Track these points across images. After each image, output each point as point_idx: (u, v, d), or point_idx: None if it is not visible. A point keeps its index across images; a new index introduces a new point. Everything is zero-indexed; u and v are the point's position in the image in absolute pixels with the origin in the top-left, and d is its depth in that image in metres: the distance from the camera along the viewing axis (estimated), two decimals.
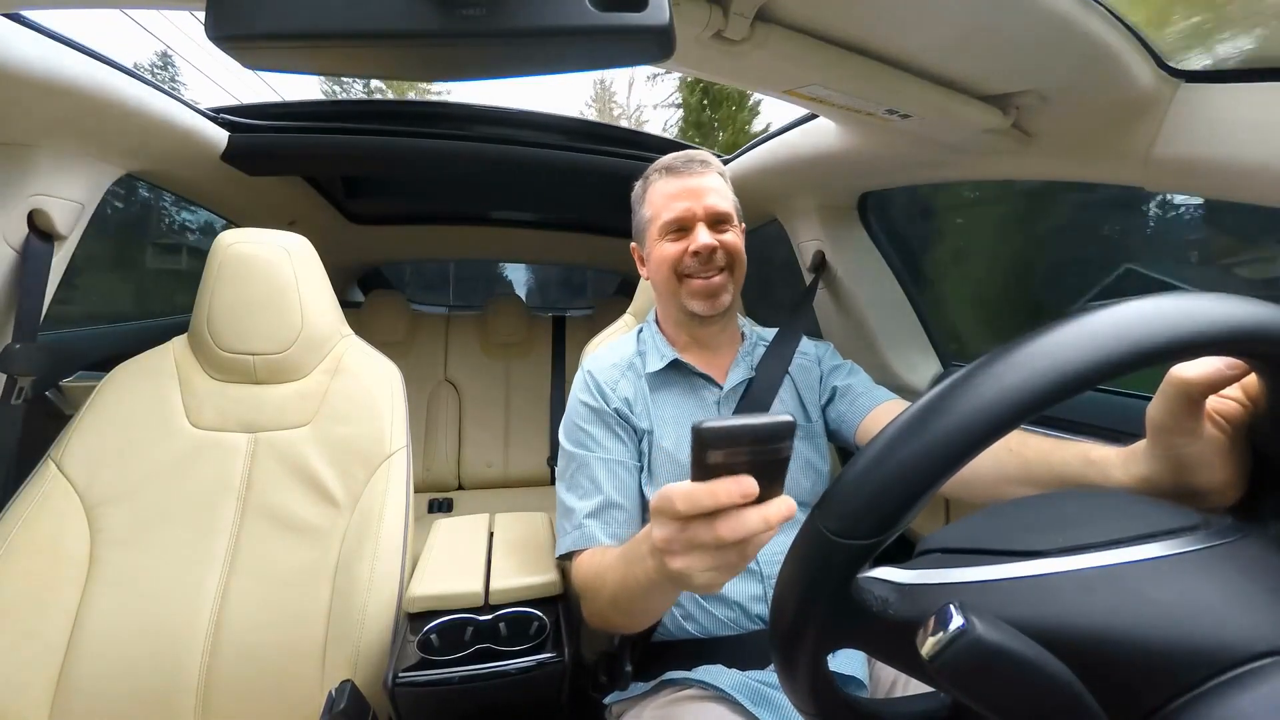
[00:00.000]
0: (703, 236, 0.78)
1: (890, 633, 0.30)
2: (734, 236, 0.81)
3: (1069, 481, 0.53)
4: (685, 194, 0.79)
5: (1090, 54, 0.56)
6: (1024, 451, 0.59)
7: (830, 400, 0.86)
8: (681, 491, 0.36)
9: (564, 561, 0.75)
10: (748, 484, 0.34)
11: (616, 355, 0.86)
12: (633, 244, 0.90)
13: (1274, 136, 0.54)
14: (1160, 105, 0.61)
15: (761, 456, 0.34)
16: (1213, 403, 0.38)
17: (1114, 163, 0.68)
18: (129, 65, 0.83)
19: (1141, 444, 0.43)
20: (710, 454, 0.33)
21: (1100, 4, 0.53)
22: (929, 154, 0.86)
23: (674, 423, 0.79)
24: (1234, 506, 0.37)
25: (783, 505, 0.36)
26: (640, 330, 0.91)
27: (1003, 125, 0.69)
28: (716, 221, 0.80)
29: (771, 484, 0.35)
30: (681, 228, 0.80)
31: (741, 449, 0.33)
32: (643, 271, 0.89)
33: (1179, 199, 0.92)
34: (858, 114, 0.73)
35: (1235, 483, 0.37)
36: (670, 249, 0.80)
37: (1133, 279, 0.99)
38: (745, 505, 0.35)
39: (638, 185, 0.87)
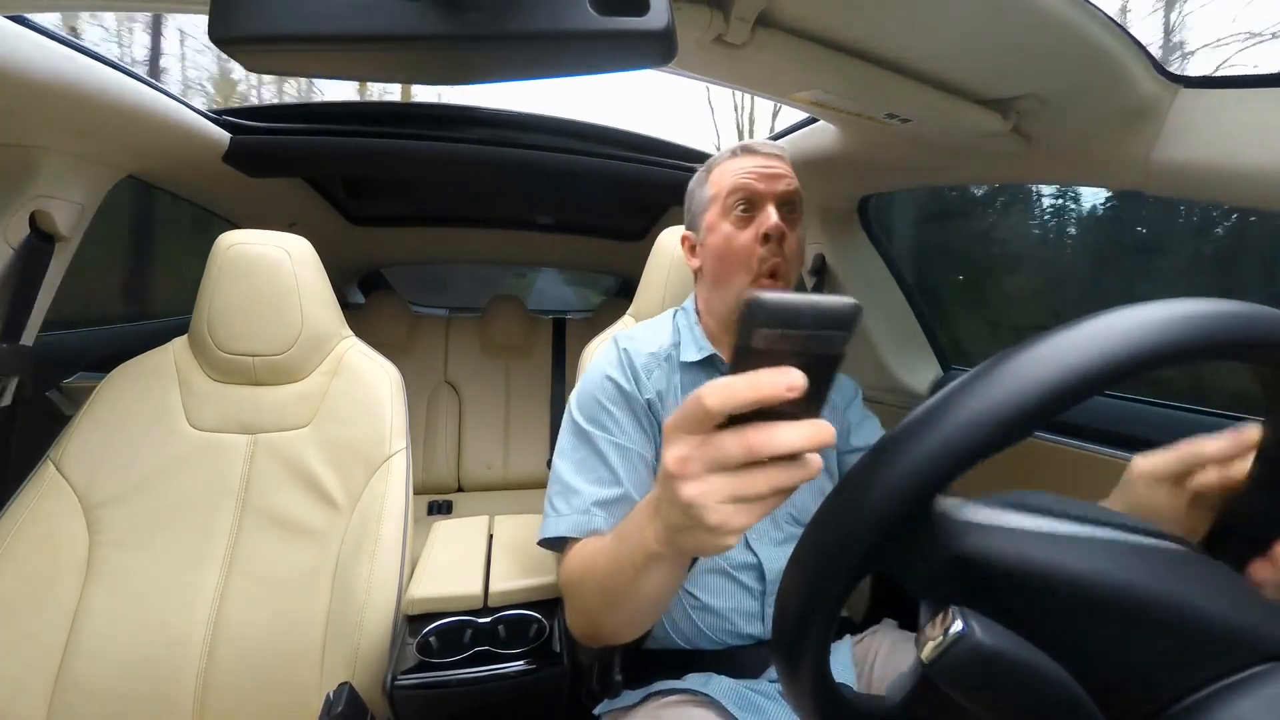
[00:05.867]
0: (773, 216, 0.69)
1: (937, 566, 0.29)
2: (797, 234, 0.72)
3: None
4: (757, 171, 0.71)
5: (1090, 59, 0.56)
6: None
7: (851, 453, 0.82)
8: (714, 384, 0.30)
9: (555, 545, 0.67)
10: (795, 376, 0.28)
11: (654, 341, 0.78)
12: (685, 232, 0.83)
13: (1272, 141, 0.54)
14: (1159, 110, 0.61)
15: (814, 349, 0.29)
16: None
17: (1113, 167, 0.68)
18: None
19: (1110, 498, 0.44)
20: (760, 333, 0.28)
21: (1100, 10, 0.53)
22: (929, 158, 0.86)
23: None
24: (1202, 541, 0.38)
25: (821, 429, 0.30)
26: (676, 314, 0.83)
27: (1003, 129, 0.69)
28: (789, 208, 0.71)
29: (816, 392, 0.29)
30: (749, 203, 0.71)
31: (795, 335, 0.28)
32: (692, 263, 0.81)
33: None
34: (858, 118, 0.73)
35: (1198, 530, 0.38)
36: (736, 234, 0.71)
37: None
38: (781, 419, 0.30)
39: (699, 172, 0.80)
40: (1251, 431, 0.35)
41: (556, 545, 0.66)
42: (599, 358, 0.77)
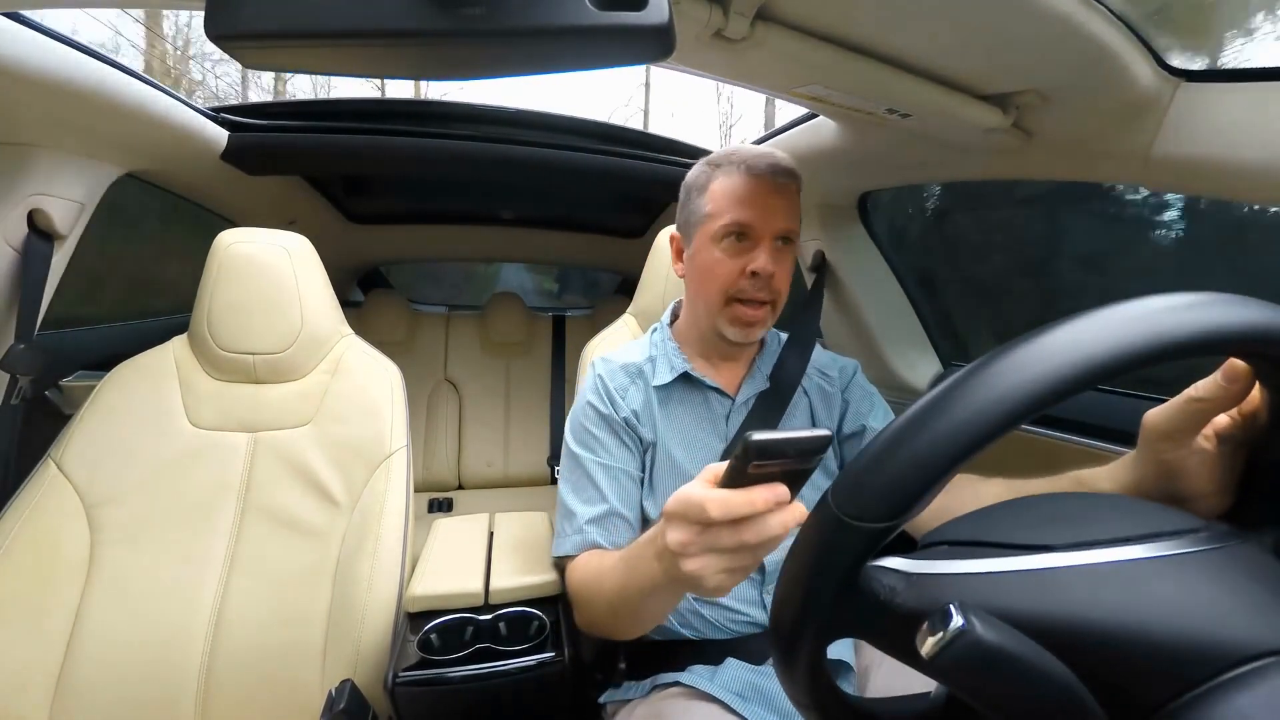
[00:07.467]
0: (764, 258, 0.70)
1: (895, 623, 0.30)
2: (789, 265, 0.75)
3: None
4: (760, 202, 0.70)
5: (1091, 54, 0.56)
6: (1028, 489, 0.58)
7: (852, 436, 0.81)
8: (717, 499, 0.37)
9: (561, 562, 0.75)
10: (783, 491, 0.36)
11: (628, 360, 0.81)
12: (674, 231, 0.82)
13: (1273, 136, 0.54)
14: (1160, 105, 0.61)
15: (794, 467, 0.36)
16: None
17: (1114, 162, 0.68)
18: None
19: (1129, 455, 0.43)
20: (754, 465, 0.35)
21: (1101, 4, 0.53)
22: (929, 153, 0.86)
23: (681, 434, 0.76)
24: (1230, 514, 0.36)
25: (798, 510, 0.37)
26: (654, 331, 0.85)
27: (1003, 124, 0.69)
28: (785, 240, 0.73)
29: (793, 491, 0.37)
30: (744, 235, 0.71)
31: (781, 461, 0.35)
32: (678, 267, 0.82)
33: None
34: (858, 113, 0.73)
35: (1222, 490, 0.37)
36: (724, 262, 0.72)
37: None
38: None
39: (698, 168, 0.77)
40: (1240, 366, 0.33)
41: (566, 558, 0.74)
42: (585, 385, 0.82)
